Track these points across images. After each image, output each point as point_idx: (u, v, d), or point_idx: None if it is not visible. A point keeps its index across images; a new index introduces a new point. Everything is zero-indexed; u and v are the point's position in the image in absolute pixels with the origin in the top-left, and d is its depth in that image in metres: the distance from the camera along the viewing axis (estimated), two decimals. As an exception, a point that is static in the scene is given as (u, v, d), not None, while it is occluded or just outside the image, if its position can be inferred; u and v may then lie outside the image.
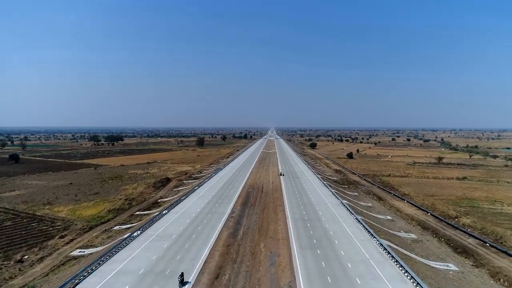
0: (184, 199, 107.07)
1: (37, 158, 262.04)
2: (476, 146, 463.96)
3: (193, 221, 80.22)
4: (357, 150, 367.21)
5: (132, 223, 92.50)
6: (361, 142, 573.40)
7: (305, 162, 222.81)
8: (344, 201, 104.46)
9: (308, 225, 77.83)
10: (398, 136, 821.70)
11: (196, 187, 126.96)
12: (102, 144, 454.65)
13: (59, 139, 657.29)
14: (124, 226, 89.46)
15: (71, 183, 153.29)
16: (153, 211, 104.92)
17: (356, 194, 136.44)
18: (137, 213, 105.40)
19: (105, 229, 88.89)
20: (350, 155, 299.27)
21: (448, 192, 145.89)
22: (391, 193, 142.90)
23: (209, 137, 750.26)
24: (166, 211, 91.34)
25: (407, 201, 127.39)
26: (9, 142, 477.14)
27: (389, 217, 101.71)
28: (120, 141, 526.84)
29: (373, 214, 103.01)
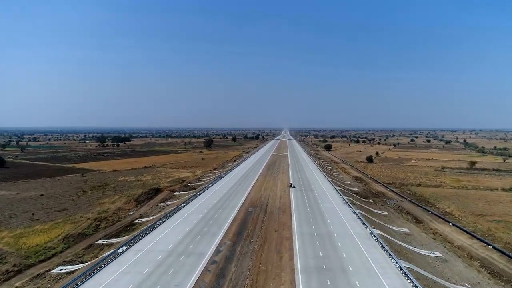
0: (160, 224, 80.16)
1: (28, 162, 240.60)
2: (505, 148, 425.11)
3: (153, 272, 52.69)
4: (377, 153, 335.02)
5: (81, 262, 66.20)
6: (378, 143, 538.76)
7: (320, 168, 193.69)
8: (375, 231, 75.58)
9: (329, 283, 49.59)
10: (416, 137, 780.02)
11: (183, 205, 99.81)
12: (107, 145, 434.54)
13: (69, 139, 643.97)
14: (67, 268, 63.27)
15: (42, 195, 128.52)
16: (119, 239, 78.63)
17: (385, 213, 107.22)
18: (100, 241, 79.22)
19: (39, 273, 62.70)
20: (369, 159, 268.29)
21: (501, 210, 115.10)
22: (429, 211, 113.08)
23: (220, 138, 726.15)
24: (125, 247, 64.56)
25: (452, 224, 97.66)
26: (14, 143, 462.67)
27: (438, 254, 72.63)
28: (127, 142, 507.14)
29: (415, 249, 74.09)
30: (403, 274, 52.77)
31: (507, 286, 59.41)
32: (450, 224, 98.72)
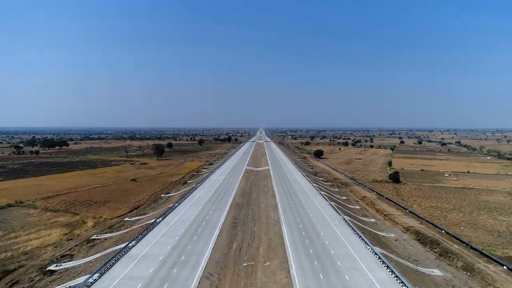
0: None
1: None
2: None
3: None
4: (389, 163, 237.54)
5: None
6: (371, 146, 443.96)
7: (336, 208, 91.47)
8: None
9: None
10: (400, 138, 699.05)
11: None
12: (23, 152, 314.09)
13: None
14: None
15: None
16: None
17: None
18: None
19: None
20: (395, 178, 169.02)
21: None
22: None
23: (187, 140, 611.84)
24: None
25: None
26: None
27: None
28: (63, 147, 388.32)
29: None
30: None
31: None
32: None
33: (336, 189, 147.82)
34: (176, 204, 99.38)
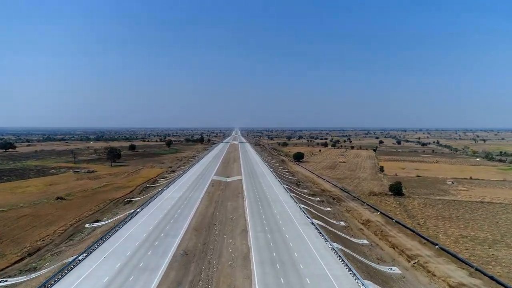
0: None
1: None
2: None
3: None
4: (381, 168, 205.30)
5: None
6: (352, 147, 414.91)
7: (348, 263, 55.65)
8: None
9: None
10: (378, 138, 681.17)
11: None
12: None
13: None
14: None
15: None
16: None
17: None
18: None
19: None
20: (396, 189, 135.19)
21: None
22: None
23: (156, 141, 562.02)
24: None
25: None
26: None
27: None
28: (9, 150, 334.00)
29: None
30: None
31: None
32: None
33: (329, 208, 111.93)
34: (82, 256, 59.06)
